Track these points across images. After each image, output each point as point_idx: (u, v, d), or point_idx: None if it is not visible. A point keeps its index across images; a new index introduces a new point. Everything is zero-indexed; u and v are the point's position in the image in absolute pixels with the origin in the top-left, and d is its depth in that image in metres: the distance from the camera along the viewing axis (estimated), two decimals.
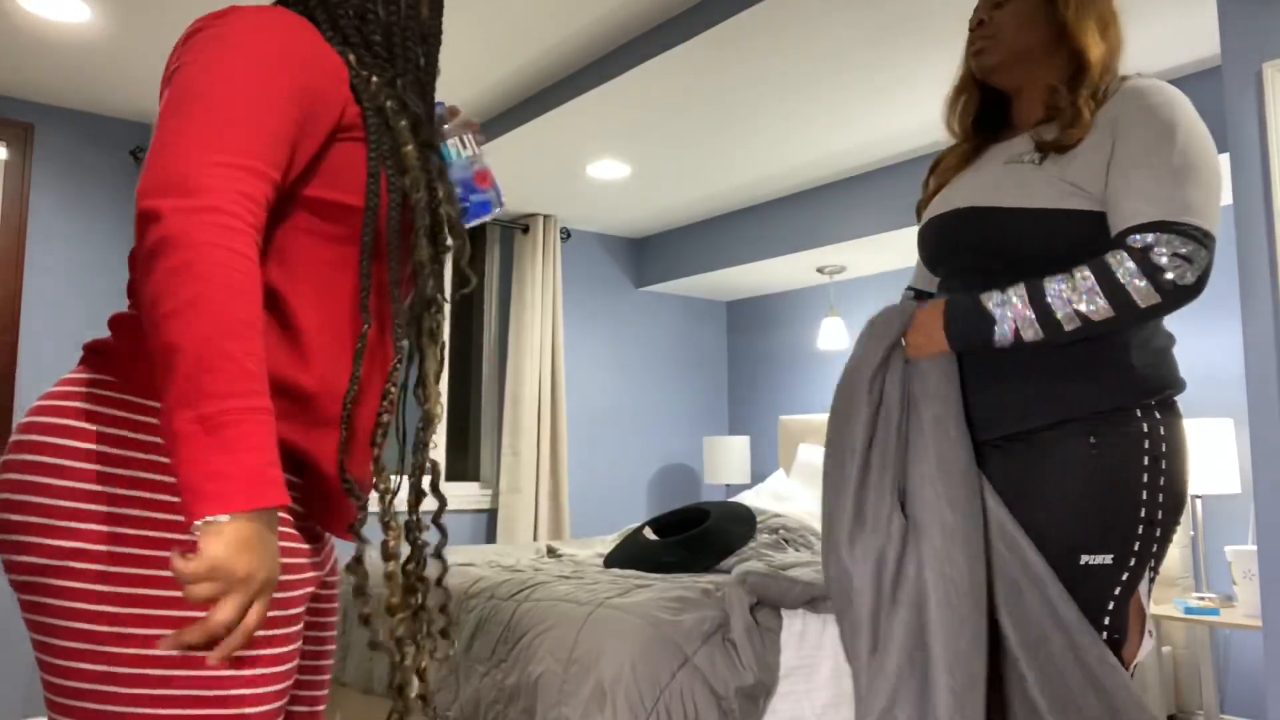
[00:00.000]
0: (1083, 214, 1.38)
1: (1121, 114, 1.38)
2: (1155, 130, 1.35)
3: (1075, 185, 1.38)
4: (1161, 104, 1.37)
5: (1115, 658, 1.38)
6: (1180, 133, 1.35)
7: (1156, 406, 1.39)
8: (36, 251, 3.32)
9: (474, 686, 2.19)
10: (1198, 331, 3.35)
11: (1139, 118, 1.36)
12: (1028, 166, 1.43)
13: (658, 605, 2.05)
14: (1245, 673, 3.15)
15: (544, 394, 4.31)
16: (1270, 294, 1.94)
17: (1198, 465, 2.97)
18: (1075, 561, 1.38)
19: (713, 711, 1.94)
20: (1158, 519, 1.38)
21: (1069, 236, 1.39)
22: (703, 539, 2.51)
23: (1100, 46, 1.45)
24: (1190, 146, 1.34)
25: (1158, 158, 1.33)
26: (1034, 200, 1.40)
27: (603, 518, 4.73)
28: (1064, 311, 1.33)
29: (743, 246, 4.38)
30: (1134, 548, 1.39)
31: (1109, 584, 1.39)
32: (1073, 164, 1.39)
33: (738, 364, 5.27)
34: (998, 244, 1.44)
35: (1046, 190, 1.39)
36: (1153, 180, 1.33)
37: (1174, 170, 1.32)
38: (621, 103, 3.10)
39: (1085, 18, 1.45)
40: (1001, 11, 1.50)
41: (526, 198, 4.22)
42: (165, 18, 2.73)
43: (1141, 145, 1.35)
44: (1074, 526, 1.38)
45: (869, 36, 2.63)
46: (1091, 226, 1.38)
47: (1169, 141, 1.34)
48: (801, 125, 3.32)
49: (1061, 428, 1.39)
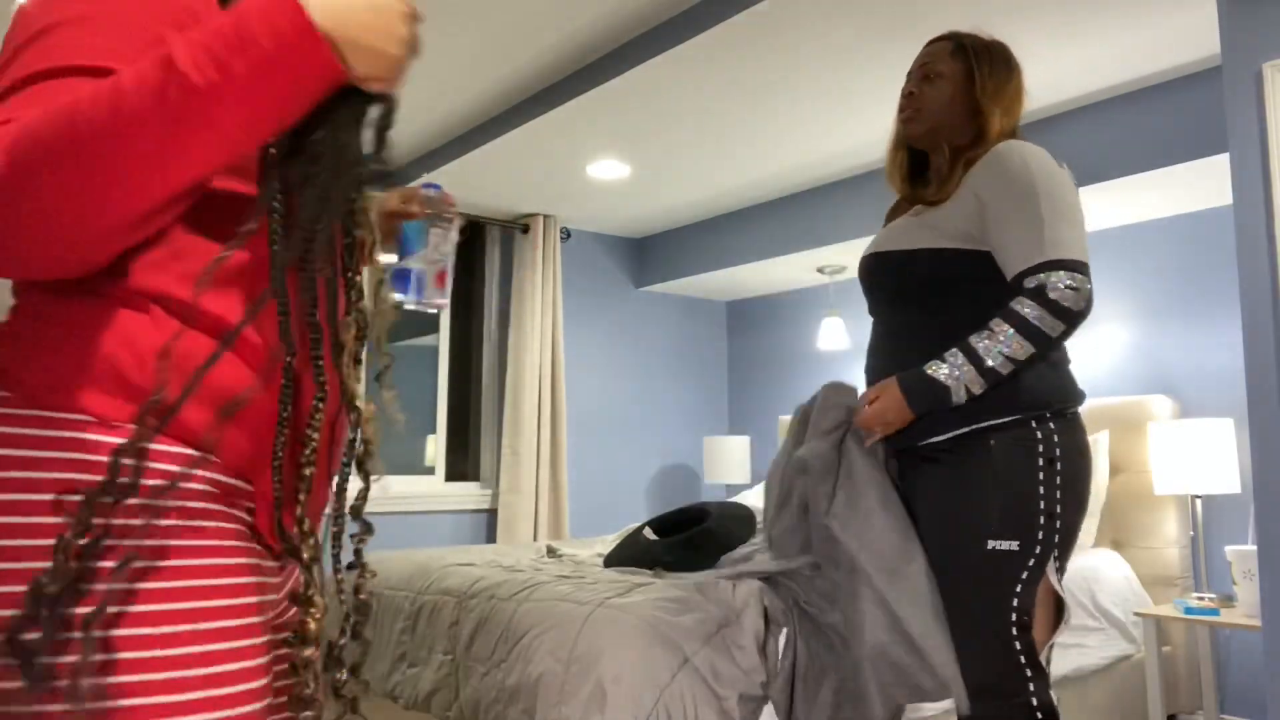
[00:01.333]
0: (939, 250, 1.72)
1: (986, 178, 1.68)
2: (1020, 187, 1.64)
3: (937, 228, 1.72)
4: (1019, 165, 1.66)
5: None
6: (1040, 183, 1.63)
7: (1051, 418, 1.65)
8: None
9: (474, 686, 2.19)
10: (1198, 331, 3.35)
11: (1004, 179, 1.66)
12: (911, 219, 1.79)
13: (658, 605, 2.05)
14: (1245, 673, 3.15)
15: (544, 394, 4.31)
16: (1270, 294, 1.95)
17: (1198, 465, 2.97)
18: (984, 546, 1.63)
19: (712, 712, 1.94)
20: (1057, 512, 1.63)
21: (929, 268, 1.73)
22: (703, 539, 2.51)
23: (1000, 122, 1.76)
24: (1052, 193, 1.63)
25: (1028, 209, 1.62)
26: (906, 243, 1.76)
27: (603, 518, 4.73)
28: (994, 360, 1.60)
29: (743, 246, 4.38)
30: (1038, 536, 1.62)
31: (1016, 568, 1.62)
32: (938, 213, 1.73)
33: (738, 364, 5.28)
34: (885, 279, 1.81)
35: (917, 234, 1.75)
36: (1028, 228, 1.62)
37: (1042, 217, 1.61)
38: (621, 103, 3.10)
39: (996, 98, 1.77)
40: (930, 86, 1.81)
41: (526, 198, 4.22)
42: None
43: (1012, 202, 1.64)
44: (982, 516, 1.64)
45: (868, 37, 2.63)
46: (948, 260, 1.71)
47: (1033, 194, 1.62)
48: (801, 125, 3.32)
49: (969, 436, 1.67)
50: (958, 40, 1.82)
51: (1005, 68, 1.80)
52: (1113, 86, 3.02)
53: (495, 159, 3.67)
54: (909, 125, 1.82)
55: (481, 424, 4.49)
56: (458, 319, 4.49)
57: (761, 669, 2.05)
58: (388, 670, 2.54)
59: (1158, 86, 2.98)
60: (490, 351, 4.52)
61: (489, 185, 4.02)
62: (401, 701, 2.44)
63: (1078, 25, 2.59)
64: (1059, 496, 1.63)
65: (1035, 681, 1.61)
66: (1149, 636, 2.92)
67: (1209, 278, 3.35)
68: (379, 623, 2.67)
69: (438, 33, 2.83)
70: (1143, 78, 2.95)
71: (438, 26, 2.79)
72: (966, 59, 1.80)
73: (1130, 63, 2.84)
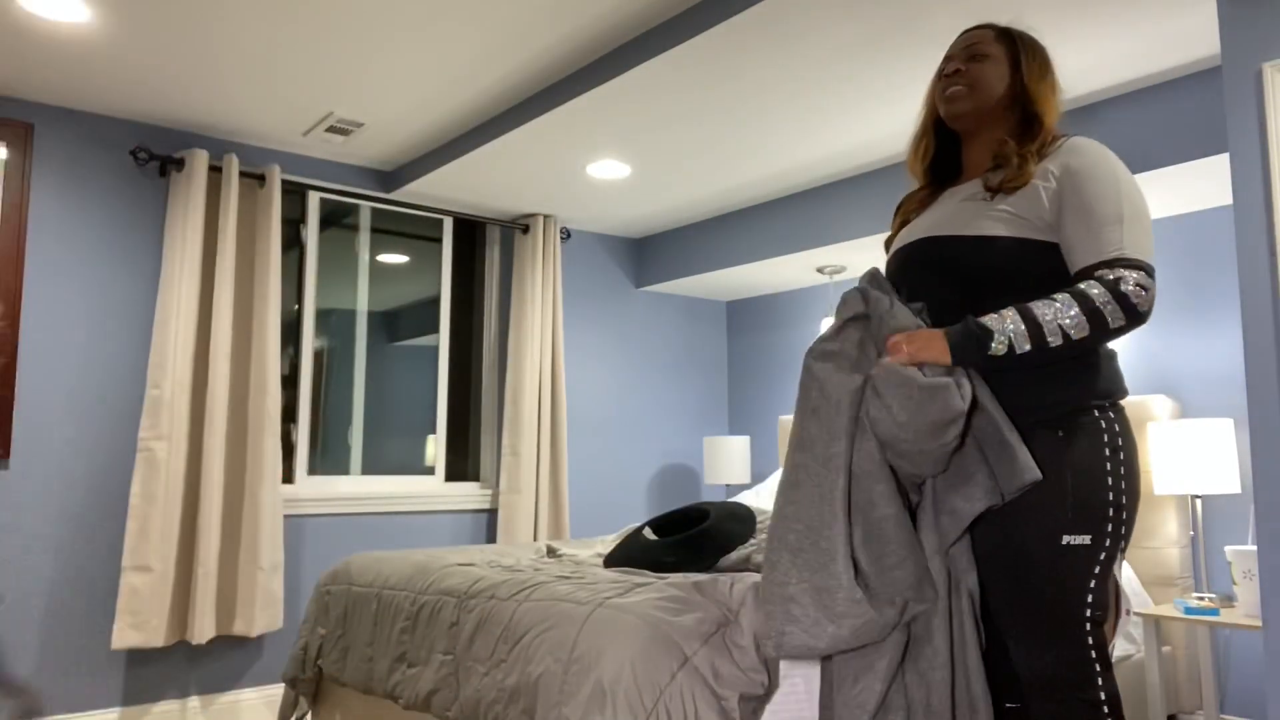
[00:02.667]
0: (1021, 240, 1.65)
1: (1068, 165, 1.64)
2: (1100, 182, 1.61)
3: (1017, 215, 1.65)
4: (1102, 160, 1.64)
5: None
6: (1123, 185, 1.61)
7: (1110, 407, 1.62)
8: (36, 251, 3.32)
9: (474, 686, 2.19)
10: (1198, 331, 3.36)
11: (1087, 173, 1.62)
12: (978, 203, 1.70)
13: (658, 605, 2.05)
14: (1245, 673, 3.15)
15: (544, 394, 4.31)
16: (1270, 294, 1.94)
17: (1198, 465, 2.97)
18: (1058, 542, 1.58)
19: (713, 712, 1.94)
20: (1123, 503, 1.59)
21: (1010, 258, 1.65)
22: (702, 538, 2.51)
23: (1053, 113, 1.74)
24: (1131, 195, 1.61)
25: (1107, 205, 1.59)
26: (981, 229, 1.67)
27: (603, 518, 4.73)
28: (1050, 327, 1.54)
29: (743, 246, 4.38)
30: (1107, 529, 1.59)
31: (1089, 562, 1.59)
32: (1014, 200, 1.66)
33: (738, 364, 5.28)
34: (952, 266, 1.70)
35: (992, 220, 1.67)
36: (1107, 224, 1.59)
37: (1121, 217, 1.59)
38: (621, 103, 3.10)
39: (1044, 87, 1.74)
40: (979, 65, 1.75)
41: (526, 198, 4.22)
42: (165, 18, 2.73)
43: (1092, 196, 1.61)
44: (1054, 510, 1.58)
45: (868, 38, 2.63)
46: (1030, 250, 1.65)
47: (1115, 192, 1.60)
48: (801, 125, 3.32)
49: (1035, 427, 1.61)
50: (999, 27, 1.79)
51: (1045, 60, 1.77)
52: (1112, 86, 3.02)
53: (495, 159, 3.67)
54: (956, 102, 1.75)
55: (481, 424, 4.49)
56: (458, 319, 4.49)
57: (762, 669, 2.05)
58: (388, 670, 2.54)
59: (1158, 86, 2.98)
60: (490, 351, 4.52)
61: (489, 185, 4.02)
62: (401, 701, 2.44)
63: (1077, 26, 2.59)
64: (1124, 488, 1.60)
65: (1104, 675, 1.59)
66: (1149, 636, 2.92)
67: (1209, 278, 3.35)
68: (379, 622, 2.67)
69: (438, 33, 2.83)
70: (1143, 78, 2.95)
71: (438, 27, 2.79)
72: (1013, 45, 1.76)
73: (1130, 63, 2.84)
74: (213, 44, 2.90)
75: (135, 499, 3.29)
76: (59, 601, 3.27)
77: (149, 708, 3.41)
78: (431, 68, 3.07)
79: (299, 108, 3.42)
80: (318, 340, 4.00)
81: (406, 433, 4.22)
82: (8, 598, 3.18)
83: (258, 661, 3.66)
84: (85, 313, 3.41)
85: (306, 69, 3.08)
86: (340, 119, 3.52)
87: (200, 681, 3.53)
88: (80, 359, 3.38)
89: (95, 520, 3.37)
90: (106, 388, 3.43)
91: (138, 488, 3.30)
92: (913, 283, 1.77)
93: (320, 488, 3.91)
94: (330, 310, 4.06)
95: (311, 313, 3.95)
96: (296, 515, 3.80)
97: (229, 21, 2.75)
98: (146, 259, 3.55)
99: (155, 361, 3.37)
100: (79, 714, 3.28)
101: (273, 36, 2.85)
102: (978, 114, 1.75)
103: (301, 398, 3.89)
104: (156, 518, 3.30)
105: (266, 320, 3.58)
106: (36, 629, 3.23)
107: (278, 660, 3.70)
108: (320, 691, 3.05)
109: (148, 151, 3.52)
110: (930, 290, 1.74)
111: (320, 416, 3.98)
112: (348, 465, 4.05)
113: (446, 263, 4.38)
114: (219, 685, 3.56)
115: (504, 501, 4.19)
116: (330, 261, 4.08)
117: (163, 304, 3.42)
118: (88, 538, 3.35)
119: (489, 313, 4.56)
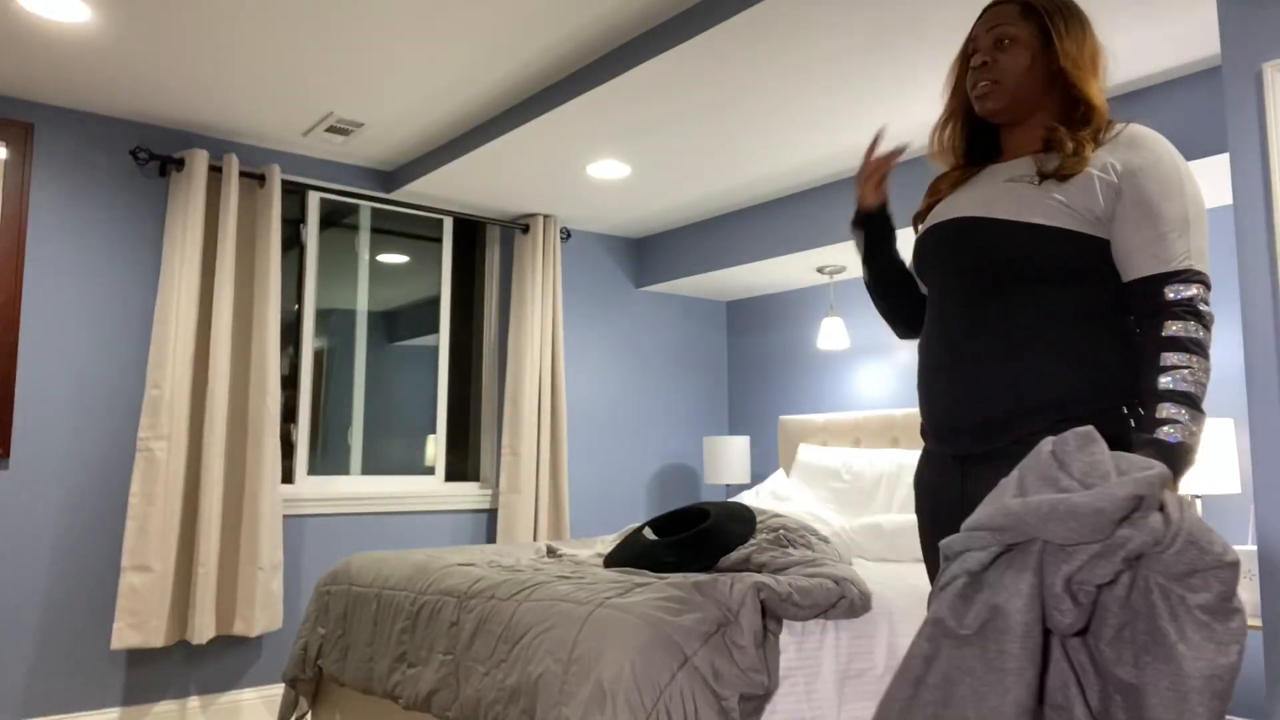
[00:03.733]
0: (1071, 233, 1.51)
1: (1130, 160, 1.51)
2: (1166, 182, 1.49)
3: (1068, 206, 1.51)
4: (1166, 156, 1.50)
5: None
6: (1187, 184, 1.49)
7: (1129, 407, 1.50)
8: (36, 251, 3.32)
9: (474, 686, 2.19)
10: None
11: (1151, 170, 1.50)
12: (1027, 187, 1.55)
13: (658, 605, 2.05)
14: (1245, 673, 3.15)
15: (544, 394, 4.31)
16: (1270, 294, 1.94)
17: (1198, 465, 2.97)
18: None
19: (713, 712, 1.94)
20: None
21: (1057, 251, 1.51)
22: (702, 538, 2.51)
23: (1100, 94, 1.57)
24: (1195, 196, 1.49)
25: (1172, 207, 1.48)
26: (1031, 216, 1.52)
27: (603, 518, 4.73)
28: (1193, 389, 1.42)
29: (743, 246, 4.38)
30: None
31: None
32: (1067, 188, 1.51)
33: (738, 364, 5.28)
34: (995, 252, 1.55)
35: (1043, 208, 1.52)
36: (1170, 231, 1.47)
37: (1186, 221, 1.48)
38: (621, 103, 3.10)
39: (1082, 66, 1.57)
40: (1007, 56, 1.60)
41: (526, 198, 4.22)
42: (165, 18, 2.73)
43: (1157, 195, 1.48)
44: None
45: (868, 38, 2.63)
46: (1077, 244, 1.52)
47: (1179, 192, 1.48)
48: (801, 125, 3.32)
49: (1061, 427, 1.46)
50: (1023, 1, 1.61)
51: (1079, 23, 1.60)
52: (1112, 87, 3.02)
53: (495, 159, 3.67)
54: (987, 100, 1.61)
55: (481, 424, 4.49)
56: (458, 319, 4.49)
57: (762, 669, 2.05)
58: (388, 670, 2.54)
59: (1158, 86, 2.99)
60: (490, 351, 4.52)
61: (489, 185, 4.02)
62: (401, 701, 2.44)
63: None
64: None
65: None
66: None
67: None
68: (379, 622, 2.67)
69: (438, 33, 2.83)
70: (1143, 78, 2.95)
71: (438, 27, 2.79)
72: (1039, 18, 1.59)
73: (1130, 63, 2.84)
74: (212, 44, 2.90)
75: (135, 499, 3.29)
76: (59, 601, 3.27)
77: (149, 708, 3.41)
78: (431, 68, 3.07)
79: (299, 108, 3.42)
80: (318, 340, 4.00)
81: (406, 433, 4.22)
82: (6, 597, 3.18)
83: (258, 661, 3.66)
84: (85, 312, 3.41)
85: (306, 69, 3.08)
86: (340, 119, 3.52)
87: (200, 681, 3.53)
88: (80, 359, 3.38)
89: (95, 520, 3.37)
90: (106, 388, 3.43)
91: (137, 488, 3.30)
92: (944, 264, 1.62)
93: (320, 488, 3.91)
94: (330, 310, 4.06)
95: (311, 313, 3.95)
96: (296, 515, 3.80)
97: (229, 21, 2.75)
98: (146, 259, 3.55)
99: (155, 361, 3.37)
100: (79, 714, 3.28)
101: (273, 36, 2.85)
102: (1014, 106, 1.60)
103: (301, 398, 3.89)
104: (156, 518, 3.30)
105: (266, 320, 3.58)
106: (36, 629, 3.23)
107: (278, 660, 3.70)
108: (320, 691, 3.05)
109: (148, 151, 3.52)
110: (963, 274, 1.59)
111: (320, 416, 3.98)
112: (348, 465, 4.05)
113: (446, 263, 4.38)
114: (219, 685, 3.56)
115: (504, 501, 4.19)
116: (330, 261, 4.08)
117: (163, 304, 3.42)
118: (88, 538, 3.35)
119: (489, 313, 4.56)
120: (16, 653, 3.19)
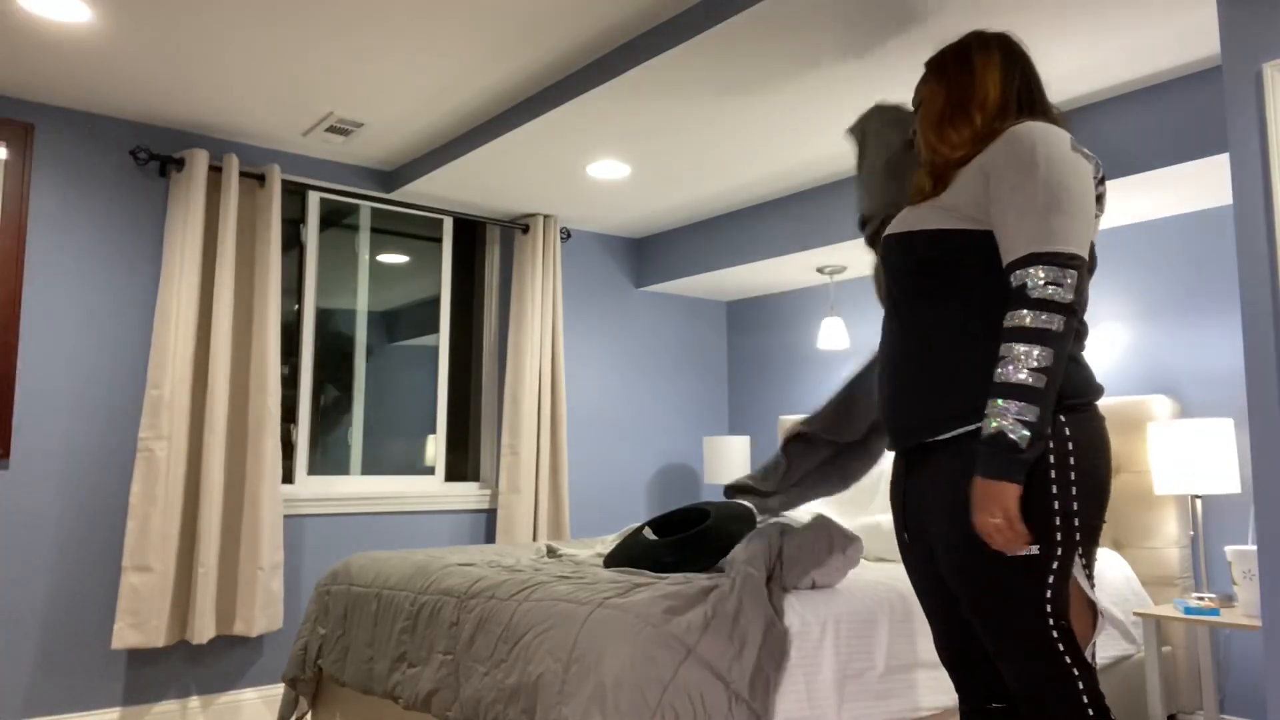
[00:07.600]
0: (945, 231, 1.67)
1: (993, 156, 1.63)
2: (1018, 171, 1.58)
3: (945, 207, 1.68)
4: (1026, 147, 1.59)
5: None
6: (1040, 169, 1.56)
7: (1059, 412, 1.57)
8: (36, 251, 3.32)
9: (474, 686, 2.19)
10: (1198, 331, 3.36)
11: (1009, 160, 1.60)
12: (922, 204, 1.76)
13: (658, 605, 2.05)
14: (1245, 673, 3.15)
15: (544, 394, 4.31)
16: (1270, 294, 1.94)
17: (1198, 465, 2.97)
18: (1002, 554, 1.56)
19: (723, 699, 1.95)
20: (1073, 510, 1.56)
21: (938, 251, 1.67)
22: (702, 538, 2.51)
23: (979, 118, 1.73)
24: (1051, 179, 1.56)
25: (1023, 196, 1.56)
26: (913, 225, 1.73)
27: (603, 518, 4.73)
28: (1027, 378, 1.50)
29: (743, 246, 4.38)
30: (1056, 538, 1.56)
31: (1043, 572, 1.56)
32: (947, 192, 1.70)
33: (738, 364, 5.28)
34: (893, 264, 1.77)
35: (930, 217, 1.71)
36: (1020, 217, 1.56)
37: (1037, 205, 1.55)
38: (621, 103, 3.10)
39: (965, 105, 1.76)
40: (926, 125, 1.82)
41: (526, 198, 4.22)
42: (165, 18, 2.73)
43: (1009, 186, 1.58)
44: None
45: (866, 38, 2.63)
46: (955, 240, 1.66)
47: (1033, 179, 1.56)
48: (801, 125, 3.32)
49: (972, 435, 1.60)
50: (927, 65, 1.85)
51: (962, 68, 1.77)
52: (1113, 87, 3.02)
53: (495, 159, 3.67)
54: (930, 171, 1.78)
55: (481, 424, 4.49)
56: (457, 319, 4.49)
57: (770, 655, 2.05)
58: (388, 670, 2.54)
59: (1158, 86, 2.98)
60: (490, 351, 4.52)
61: (489, 185, 4.02)
62: (401, 701, 2.44)
63: (1077, 26, 2.59)
64: (1075, 493, 1.55)
65: (1084, 679, 1.58)
66: (1149, 636, 2.92)
67: (1209, 278, 3.35)
68: (379, 622, 2.67)
69: (438, 33, 2.83)
70: (1143, 78, 2.95)
71: (438, 26, 2.79)
72: (932, 79, 1.82)
73: (1130, 63, 2.84)
74: (213, 44, 2.90)
75: (135, 499, 3.29)
76: (59, 601, 3.27)
77: (149, 708, 3.41)
78: (431, 68, 3.07)
79: (299, 108, 3.42)
80: (318, 340, 4.00)
81: (406, 433, 4.22)
82: None
83: (258, 661, 3.66)
84: (85, 312, 3.41)
85: (306, 69, 3.09)
86: (340, 119, 3.52)
87: (200, 681, 3.53)
88: (80, 359, 3.38)
89: (95, 520, 3.37)
90: (106, 388, 3.43)
91: (138, 488, 3.30)
92: (886, 283, 1.83)
93: (320, 488, 3.91)
94: (330, 310, 4.06)
95: (311, 313, 3.95)
96: (296, 515, 3.80)
97: (229, 21, 2.75)
98: (146, 259, 3.55)
99: (155, 361, 3.37)
100: (79, 714, 3.28)
101: (273, 36, 2.85)
102: (947, 162, 1.75)
103: (301, 398, 3.89)
104: (156, 518, 3.30)
105: (266, 320, 3.58)
106: (37, 629, 3.23)
107: (278, 660, 3.70)
108: (320, 691, 3.05)
109: (148, 151, 3.52)
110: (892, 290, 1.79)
111: (320, 416, 3.98)
112: (348, 465, 4.05)
113: (446, 263, 4.38)
114: (219, 685, 3.56)
115: (504, 501, 4.19)
116: (330, 261, 4.08)
117: (163, 304, 3.42)
118: (88, 538, 3.35)
119: (489, 313, 4.56)
120: (17, 653, 3.19)
